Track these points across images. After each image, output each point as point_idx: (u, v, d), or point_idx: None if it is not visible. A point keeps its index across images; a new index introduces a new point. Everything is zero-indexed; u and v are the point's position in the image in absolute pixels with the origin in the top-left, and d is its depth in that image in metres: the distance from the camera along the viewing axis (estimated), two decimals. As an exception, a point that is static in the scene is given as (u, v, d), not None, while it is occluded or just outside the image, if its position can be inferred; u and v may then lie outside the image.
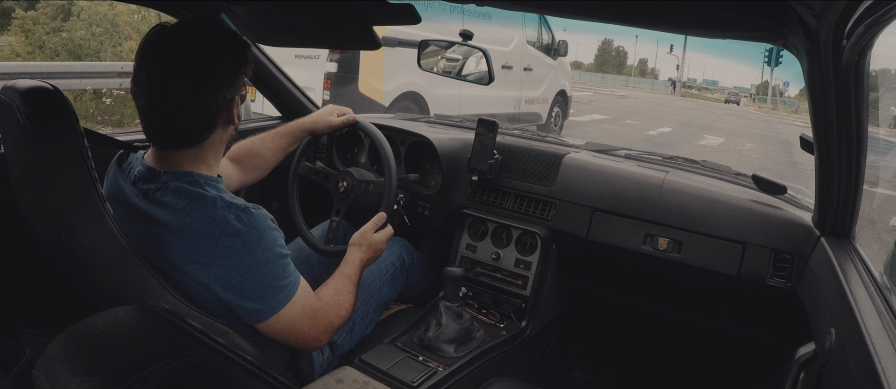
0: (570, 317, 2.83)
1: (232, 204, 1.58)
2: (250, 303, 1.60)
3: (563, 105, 12.47)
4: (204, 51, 1.55)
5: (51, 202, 1.44)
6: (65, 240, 1.47)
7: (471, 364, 2.15)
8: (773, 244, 2.17)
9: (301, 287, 1.70)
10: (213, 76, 1.55)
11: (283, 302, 1.64)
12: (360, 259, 2.01)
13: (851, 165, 1.65)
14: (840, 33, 1.24)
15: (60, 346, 0.86)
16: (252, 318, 1.63)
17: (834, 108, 1.49)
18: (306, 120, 2.45)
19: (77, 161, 1.47)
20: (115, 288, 1.53)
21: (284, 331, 1.68)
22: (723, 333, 2.53)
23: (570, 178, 2.56)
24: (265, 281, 1.60)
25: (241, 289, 1.58)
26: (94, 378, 0.80)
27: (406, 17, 1.80)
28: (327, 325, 1.78)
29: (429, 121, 3.26)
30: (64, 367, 0.83)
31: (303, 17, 2.06)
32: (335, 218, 2.43)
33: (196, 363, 0.84)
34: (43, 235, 1.60)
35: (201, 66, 1.54)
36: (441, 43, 2.90)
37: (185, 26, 1.60)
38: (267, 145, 2.36)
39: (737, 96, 70.18)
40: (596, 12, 1.60)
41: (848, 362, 1.34)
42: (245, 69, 1.64)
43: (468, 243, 2.68)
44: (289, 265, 1.67)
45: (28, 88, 1.46)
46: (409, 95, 8.51)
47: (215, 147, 1.68)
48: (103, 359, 0.83)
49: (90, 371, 0.81)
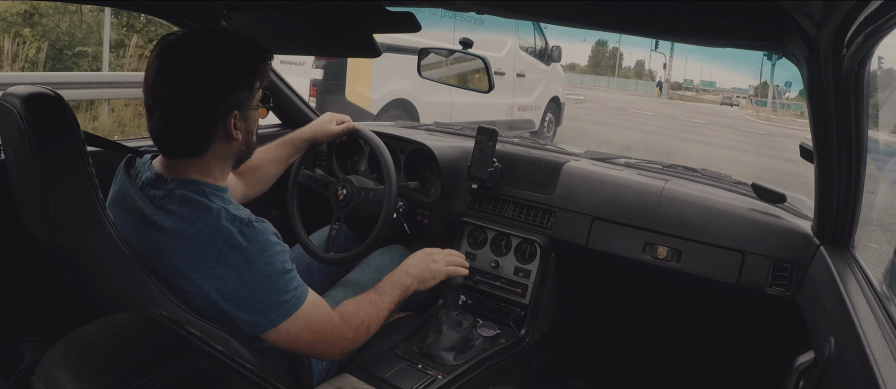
0: (570, 325, 2.83)
1: (236, 216, 1.57)
2: (249, 316, 1.59)
3: (557, 111, 12.33)
4: (194, 63, 1.54)
5: (51, 208, 1.44)
6: (65, 247, 1.47)
7: (470, 372, 2.15)
8: (773, 253, 2.17)
9: (308, 301, 1.67)
10: (202, 90, 1.55)
11: (285, 316, 1.61)
12: (403, 284, 2.01)
13: (851, 174, 1.65)
14: (840, 42, 1.24)
15: (59, 353, 0.86)
16: (251, 330, 1.62)
17: (834, 117, 1.50)
18: (306, 130, 2.46)
19: (78, 167, 1.47)
20: (114, 295, 1.52)
21: (287, 343, 1.67)
22: (722, 341, 2.53)
23: (570, 187, 2.56)
24: (266, 295, 1.58)
25: (240, 302, 1.58)
26: (93, 385, 0.80)
27: (406, 24, 1.81)
28: (339, 339, 1.75)
29: (428, 129, 3.27)
30: (63, 373, 0.83)
31: (302, 25, 2.07)
32: (335, 225, 2.43)
33: (195, 370, 0.84)
34: (43, 241, 1.60)
35: (189, 79, 1.54)
36: (441, 51, 2.90)
37: (188, 37, 1.60)
38: (267, 157, 2.35)
39: (732, 98, 66.76)
40: (593, 20, 1.61)
41: (847, 370, 1.34)
42: (246, 84, 1.62)
43: (467, 251, 2.68)
44: (293, 280, 1.64)
45: (29, 94, 1.47)
46: (399, 103, 8.25)
47: (219, 160, 1.67)
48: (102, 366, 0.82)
49: (89, 377, 0.81)
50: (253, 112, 1.68)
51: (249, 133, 1.70)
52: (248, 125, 1.68)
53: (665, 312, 2.61)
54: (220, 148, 1.65)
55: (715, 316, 2.50)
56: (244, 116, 1.65)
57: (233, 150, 1.69)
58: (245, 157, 1.75)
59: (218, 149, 1.64)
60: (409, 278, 2.02)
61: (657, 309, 2.63)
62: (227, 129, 1.61)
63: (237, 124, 1.62)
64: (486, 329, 2.42)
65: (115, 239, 1.52)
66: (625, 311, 2.71)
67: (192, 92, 1.54)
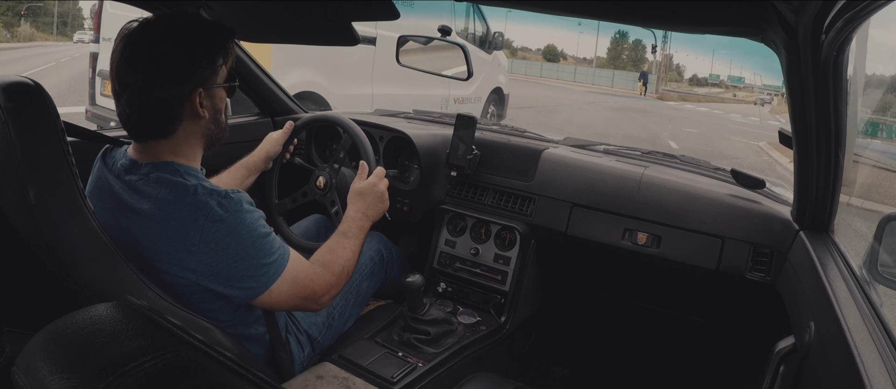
0: (550, 312, 2.83)
1: (213, 190, 1.59)
2: (241, 283, 1.63)
3: (499, 104, 11.35)
4: (155, 44, 1.56)
5: (32, 198, 1.43)
6: (45, 236, 1.46)
7: (450, 360, 2.15)
8: (752, 238, 2.18)
9: (291, 259, 1.72)
10: (164, 70, 1.56)
11: (274, 278, 1.66)
12: (360, 213, 2.06)
13: (830, 160, 1.66)
14: (819, 28, 1.24)
15: (40, 343, 0.85)
16: (244, 297, 1.66)
17: (812, 103, 1.50)
18: (258, 151, 2.49)
19: (58, 156, 1.46)
20: (95, 285, 1.52)
21: (280, 303, 1.72)
22: (702, 327, 2.54)
23: (549, 174, 2.56)
24: (253, 261, 1.62)
25: (229, 273, 1.61)
26: (74, 376, 0.79)
27: (384, 12, 1.80)
28: (326, 287, 1.81)
29: (407, 117, 3.26)
30: (43, 364, 0.82)
31: (281, 14, 2.05)
32: (315, 214, 2.42)
33: (175, 359, 0.84)
34: (22, 231, 1.58)
35: (150, 61, 1.56)
36: (419, 39, 2.89)
37: (149, 22, 1.62)
38: (223, 181, 2.35)
39: (766, 96, 53.10)
40: (577, 9, 1.60)
41: (827, 355, 1.34)
42: (208, 62, 1.64)
43: (447, 238, 2.68)
44: (274, 241, 1.69)
45: (9, 83, 1.45)
46: (307, 96, 6.98)
47: (189, 140, 1.68)
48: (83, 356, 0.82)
49: (70, 368, 0.80)
50: (219, 90, 1.69)
51: (217, 111, 1.72)
52: (215, 103, 1.70)
53: (645, 298, 2.62)
54: (189, 127, 1.66)
55: (695, 301, 2.52)
56: (209, 94, 1.66)
57: (201, 129, 1.70)
58: (217, 137, 1.76)
59: (187, 128, 1.66)
60: (367, 220, 2.07)
61: (637, 296, 2.64)
62: (194, 108, 1.63)
63: (203, 102, 1.64)
64: (466, 316, 2.42)
65: (95, 228, 1.52)
66: (605, 298, 2.71)
67: (155, 72, 1.56)
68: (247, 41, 2.61)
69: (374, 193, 2.12)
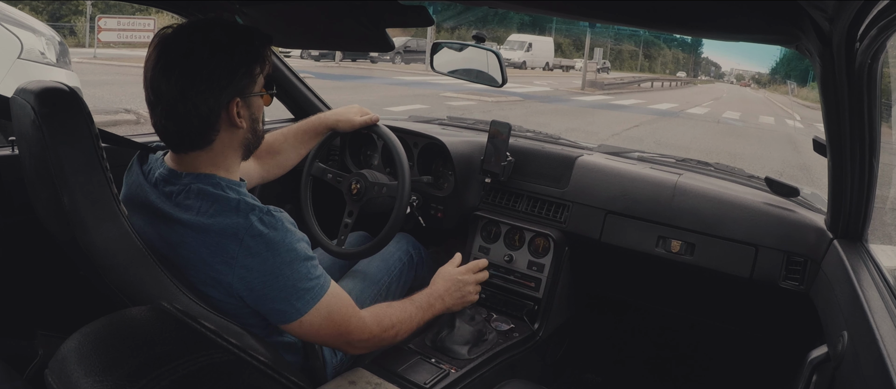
0: (583, 319, 2.83)
1: (255, 206, 1.58)
2: (273, 305, 1.60)
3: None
4: (191, 53, 1.52)
5: (66, 202, 1.45)
6: (79, 241, 1.48)
7: (483, 366, 2.15)
8: (786, 246, 2.16)
9: (330, 292, 1.68)
10: (200, 79, 1.52)
11: (308, 306, 1.62)
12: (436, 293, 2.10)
13: (864, 167, 1.64)
14: (853, 36, 1.24)
15: (73, 347, 0.87)
16: (278, 319, 1.63)
17: (847, 111, 1.49)
18: (329, 116, 2.43)
19: (92, 161, 1.48)
20: (128, 289, 1.53)
21: (310, 334, 1.68)
22: (735, 335, 2.52)
23: (583, 181, 2.56)
24: (288, 283, 1.58)
25: (263, 292, 1.58)
26: (107, 379, 0.81)
27: (419, 18, 1.81)
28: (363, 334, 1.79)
29: (442, 123, 3.27)
30: (76, 367, 0.83)
31: (316, 19, 2.07)
32: (347, 220, 2.43)
33: (209, 363, 0.85)
34: (57, 236, 1.61)
35: (187, 70, 1.51)
36: (454, 45, 2.90)
37: (183, 28, 1.57)
38: (289, 142, 2.35)
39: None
40: (606, 14, 1.60)
41: (860, 365, 1.33)
42: (246, 70, 1.59)
43: (481, 245, 2.68)
44: (315, 268, 1.64)
45: (43, 88, 1.47)
46: None
47: (226, 151, 1.65)
48: (116, 359, 0.83)
49: (103, 371, 0.82)
50: (256, 99, 1.64)
51: (255, 120, 1.67)
52: (253, 112, 1.65)
53: (678, 306, 2.61)
54: (227, 137, 1.62)
55: (728, 309, 2.50)
56: (247, 103, 1.61)
57: (239, 139, 1.66)
58: (253, 146, 1.73)
59: (224, 138, 1.62)
60: (441, 303, 2.09)
61: (670, 303, 2.62)
62: (231, 118, 1.58)
63: (240, 112, 1.59)
64: (499, 323, 2.43)
65: (129, 233, 1.53)
66: (638, 305, 2.70)
67: (191, 82, 1.51)
68: (283, 47, 2.62)
69: (456, 283, 2.14)
